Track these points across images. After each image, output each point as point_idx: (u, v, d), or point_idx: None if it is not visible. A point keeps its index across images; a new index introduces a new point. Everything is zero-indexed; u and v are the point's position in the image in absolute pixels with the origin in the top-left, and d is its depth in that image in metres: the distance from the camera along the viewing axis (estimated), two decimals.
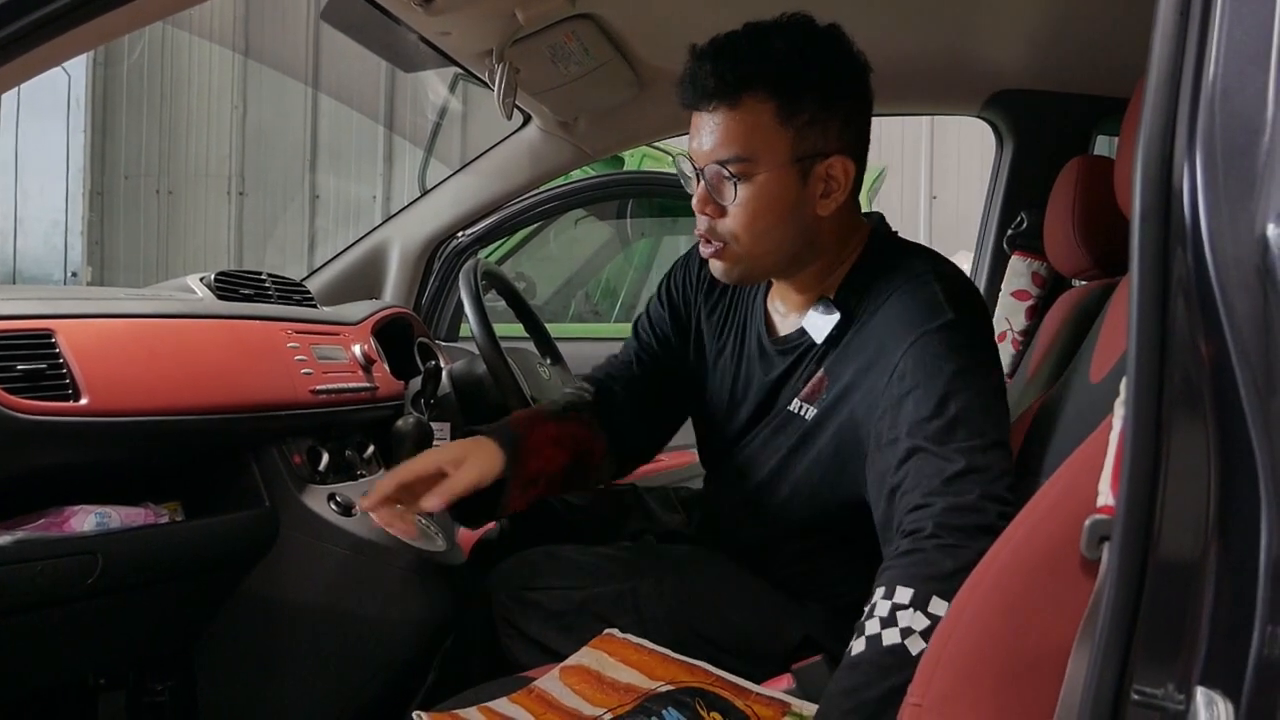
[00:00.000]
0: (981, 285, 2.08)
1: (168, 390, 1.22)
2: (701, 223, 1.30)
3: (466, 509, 1.38)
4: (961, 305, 1.24)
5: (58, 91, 7.64)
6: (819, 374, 1.32)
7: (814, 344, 1.34)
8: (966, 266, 3.00)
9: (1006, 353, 1.95)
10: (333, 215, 7.53)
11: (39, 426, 1.07)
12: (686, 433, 1.59)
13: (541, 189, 2.58)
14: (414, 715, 1.09)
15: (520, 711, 1.18)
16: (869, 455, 1.22)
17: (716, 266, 1.33)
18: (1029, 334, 1.93)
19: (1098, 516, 0.76)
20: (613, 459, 1.52)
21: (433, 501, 1.29)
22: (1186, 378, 0.65)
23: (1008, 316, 1.96)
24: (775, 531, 1.43)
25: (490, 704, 1.18)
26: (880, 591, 1.04)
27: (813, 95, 1.23)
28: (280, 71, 7.62)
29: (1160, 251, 0.67)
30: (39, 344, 1.11)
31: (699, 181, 1.27)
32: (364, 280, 2.24)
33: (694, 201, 1.29)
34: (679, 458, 2.26)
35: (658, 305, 1.55)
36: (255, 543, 1.36)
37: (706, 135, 1.25)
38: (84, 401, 1.11)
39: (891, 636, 1.00)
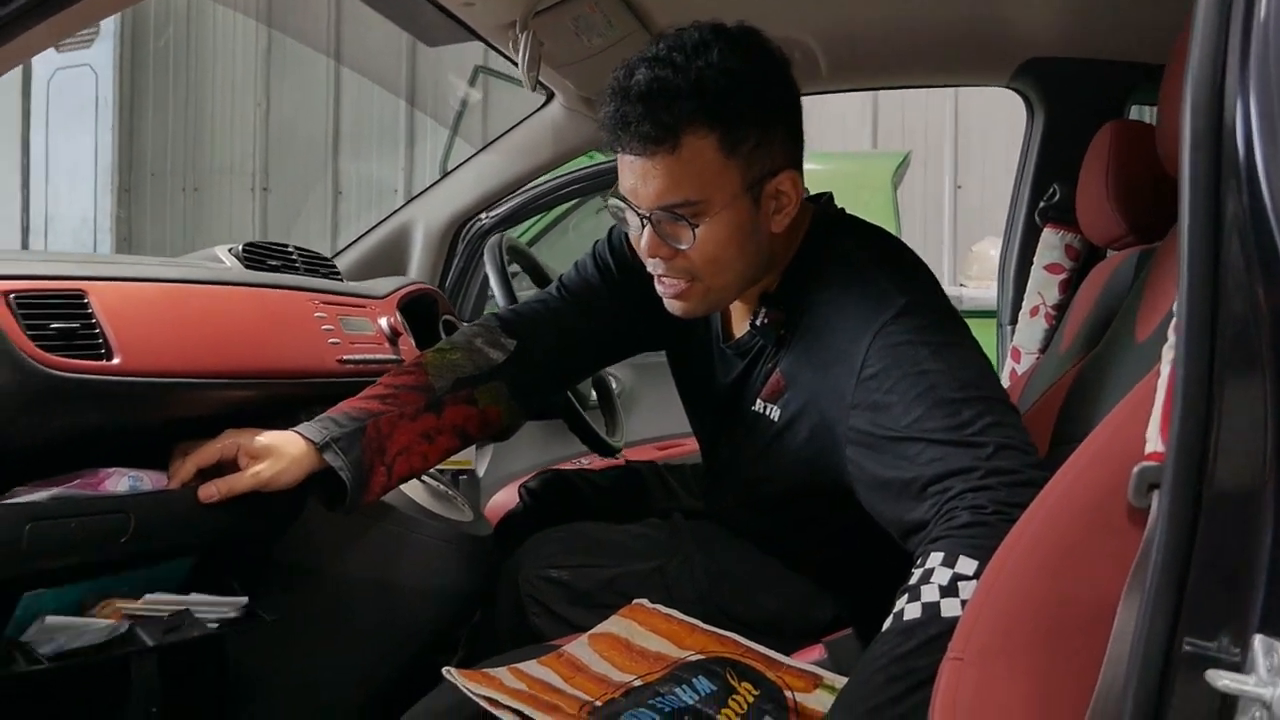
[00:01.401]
0: (1013, 261, 2.07)
1: (197, 353, 1.22)
2: (654, 265, 1.26)
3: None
4: (909, 286, 1.22)
5: (85, 91, 7.70)
6: (775, 374, 1.30)
7: (765, 344, 1.32)
8: (994, 252, 2.98)
9: (1039, 327, 1.93)
10: (355, 209, 7.57)
11: (73, 384, 1.07)
12: None
13: (564, 171, 2.58)
14: (446, 672, 1.08)
15: (549, 674, 1.18)
16: (854, 458, 1.18)
17: (678, 306, 1.28)
18: (1062, 308, 1.91)
19: (1146, 464, 0.74)
20: (508, 422, 1.47)
21: (209, 490, 1.22)
22: (1241, 318, 0.63)
23: (1040, 291, 1.94)
24: (776, 524, 1.43)
25: (519, 665, 1.18)
26: (938, 558, 1.01)
27: (752, 117, 1.19)
28: (302, 43, 7.64)
29: (1212, 187, 0.65)
30: (72, 304, 1.11)
31: (644, 225, 1.22)
32: (388, 260, 2.25)
33: (643, 247, 1.24)
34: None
35: (593, 268, 1.49)
36: (283, 511, 1.35)
37: (650, 181, 1.19)
38: (116, 361, 1.12)
39: (952, 607, 0.97)
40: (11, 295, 1.05)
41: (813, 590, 1.42)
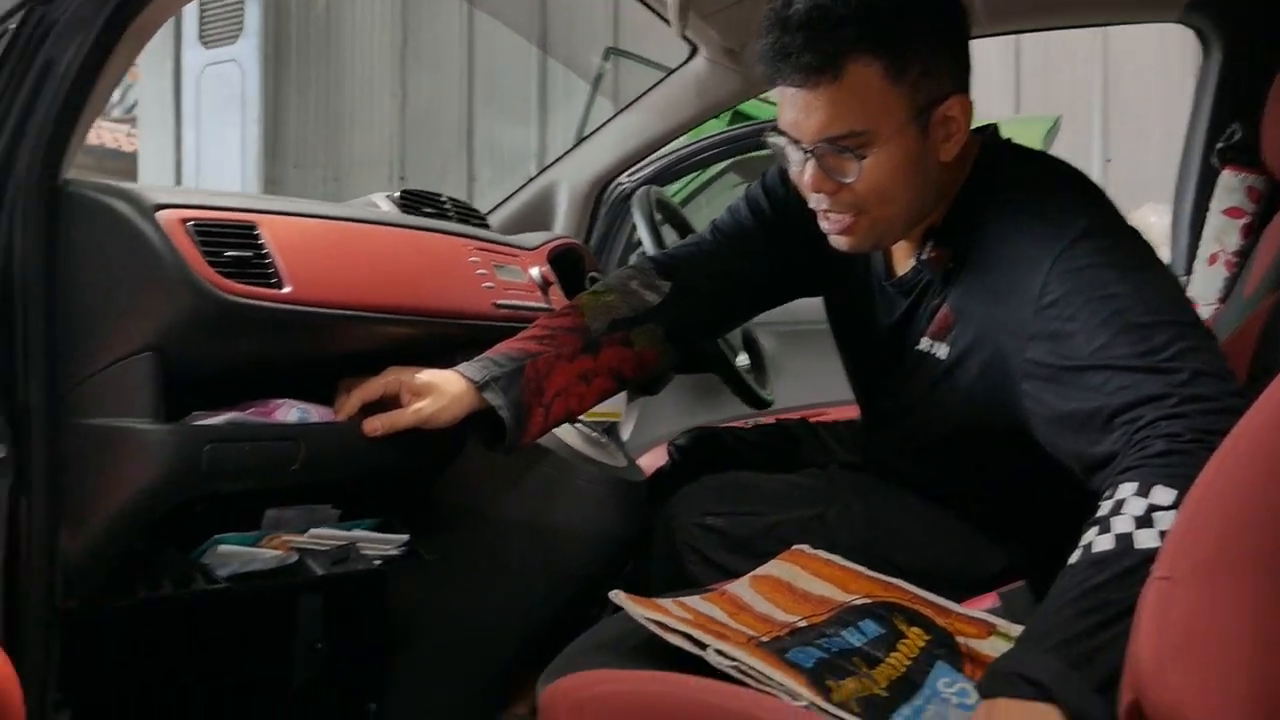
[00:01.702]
0: (1188, 208, 1.95)
1: (361, 287, 1.23)
2: (818, 200, 1.22)
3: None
4: (1089, 210, 1.15)
5: (232, 87, 8.00)
6: (943, 310, 1.24)
7: (931, 280, 1.26)
8: (1154, 219, 2.84)
9: (1219, 275, 1.82)
10: (488, 196, 7.70)
11: (247, 310, 1.09)
12: None
13: (704, 136, 2.55)
14: (612, 595, 1.07)
15: (714, 609, 1.15)
16: (1031, 392, 1.12)
17: (844, 242, 1.24)
18: (1244, 254, 1.79)
19: None
20: (664, 365, 1.46)
21: (373, 424, 1.23)
22: None
23: (1219, 236, 1.82)
24: (940, 470, 1.37)
25: (683, 599, 1.16)
26: (1130, 488, 0.96)
27: (917, 41, 1.14)
28: (436, 33, 7.78)
29: None
30: (244, 234, 1.13)
31: (806, 160, 1.19)
32: (533, 223, 2.26)
33: (806, 182, 1.20)
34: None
35: (746, 210, 1.46)
36: (443, 449, 1.36)
37: (813, 114, 1.15)
38: (286, 290, 1.14)
39: (1147, 539, 0.91)
40: (190, 223, 1.08)
41: (981, 539, 1.36)
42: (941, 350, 1.25)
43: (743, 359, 1.98)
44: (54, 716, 1.16)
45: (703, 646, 1.00)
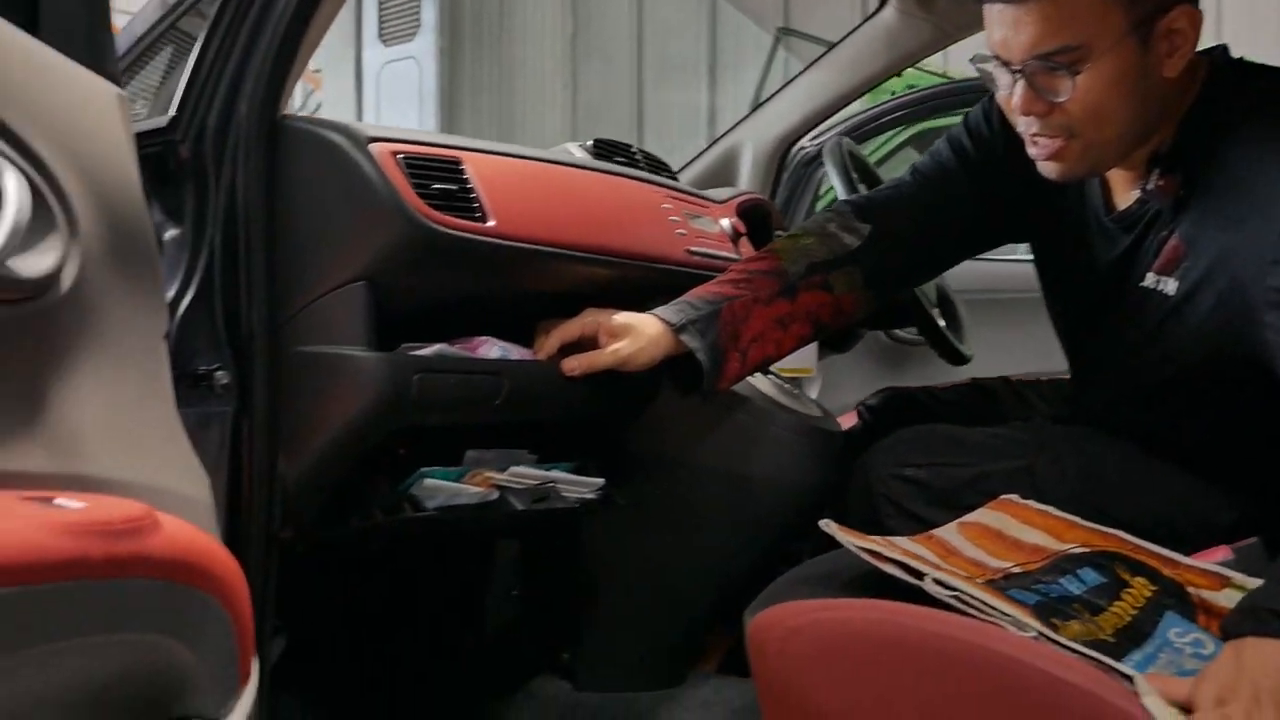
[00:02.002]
0: None
1: (560, 225, 1.24)
2: (1028, 124, 1.15)
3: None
4: None
5: (410, 82, 8.27)
6: (1171, 241, 1.16)
7: (1159, 211, 1.17)
8: None
9: None
10: None
11: (454, 241, 1.11)
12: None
13: (884, 100, 2.48)
14: (823, 524, 1.03)
15: (923, 550, 1.10)
16: (1273, 322, 1.04)
17: (1054, 168, 1.17)
18: None
19: None
20: (862, 311, 1.40)
21: (571, 364, 1.22)
22: None
23: None
24: (1164, 416, 1.28)
25: (891, 538, 1.11)
26: None
27: None
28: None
29: None
30: (450, 168, 1.15)
31: (1014, 80, 1.12)
32: (716, 185, 2.23)
33: (1016, 104, 1.13)
34: None
35: (949, 152, 1.39)
36: (640, 392, 1.36)
37: (1023, 29, 1.09)
38: (491, 224, 1.15)
39: None
40: (400, 156, 1.10)
41: (1208, 490, 1.26)
42: (1170, 285, 1.17)
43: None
44: (270, 643, 1.20)
45: (919, 576, 0.95)
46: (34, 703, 0.55)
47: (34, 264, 0.57)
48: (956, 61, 4.57)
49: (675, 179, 1.73)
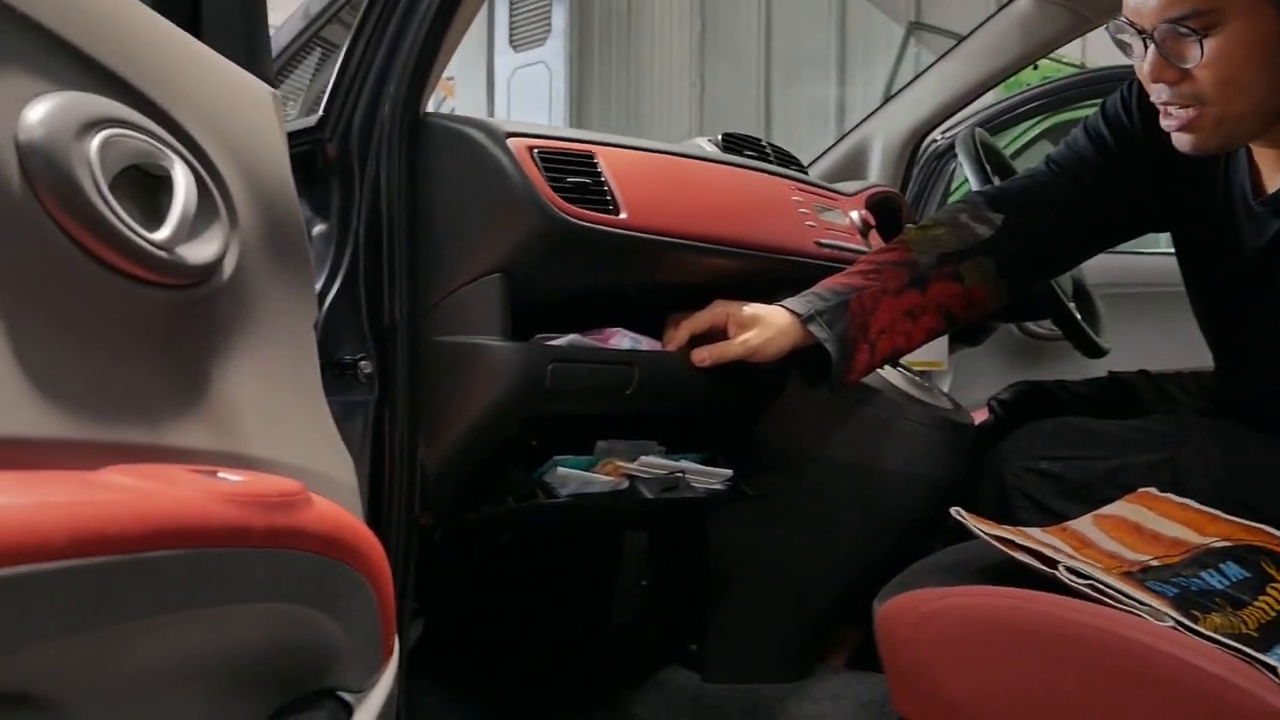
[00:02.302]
0: None
1: (691, 217, 1.25)
2: (1159, 92, 1.12)
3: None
4: None
5: (540, 87, 8.41)
6: None
7: None
8: None
9: None
10: None
11: (587, 233, 1.13)
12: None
13: (1018, 90, 2.41)
14: (954, 512, 1.02)
15: (1057, 541, 1.08)
16: None
17: (1186, 140, 1.13)
18: None
19: None
20: (994, 303, 1.36)
21: (701, 354, 1.23)
22: None
23: None
24: None
25: (1025, 529, 1.09)
26: None
27: None
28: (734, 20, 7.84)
29: None
30: (584, 162, 1.17)
31: (1146, 46, 1.09)
32: (846, 178, 2.21)
33: (1146, 70, 1.11)
34: None
35: (1085, 140, 1.35)
36: (767, 386, 1.35)
37: None
38: (623, 216, 1.16)
39: None
40: (535, 150, 1.12)
41: None
42: None
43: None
44: (409, 626, 1.24)
45: (1053, 565, 0.93)
46: (199, 663, 0.58)
47: (199, 251, 0.61)
48: (1094, 50, 4.43)
49: (805, 172, 1.72)
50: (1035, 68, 3.86)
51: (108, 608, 0.46)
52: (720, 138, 1.53)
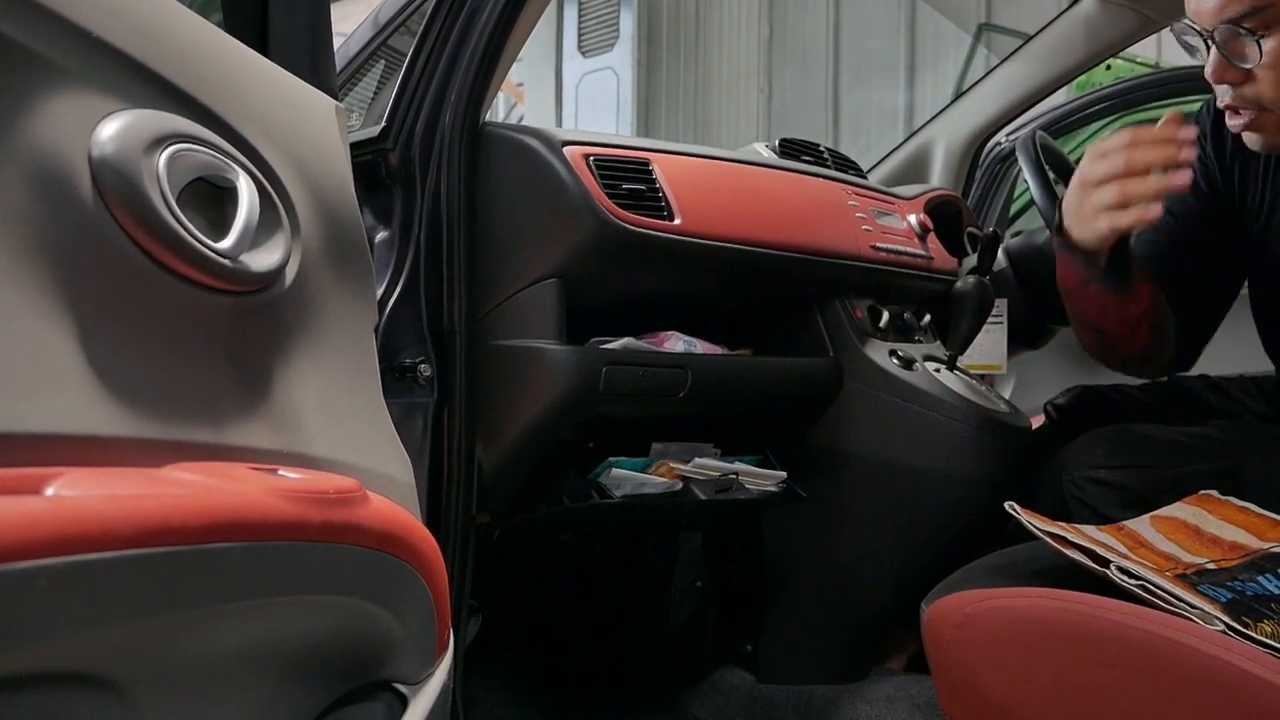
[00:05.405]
0: None
1: (746, 223, 1.26)
2: (1224, 93, 1.11)
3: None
4: None
5: (609, 92, 8.45)
6: None
7: None
8: None
9: None
10: None
11: (642, 239, 1.15)
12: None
13: (1086, 92, 2.37)
14: (1009, 506, 1.02)
15: (1112, 540, 1.07)
16: None
17: (1255, 139, 1.13)
18: None
19: None
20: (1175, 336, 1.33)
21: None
22: None
23: None
24: None
25: (1080, 526, 1.08)
26: None
27: None
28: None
29: None
30: (639, 169, 1.19)
31: (1209, 48, 1.08)
32: (908, 182, 2.20)
33: (1209, 72, 1.10)
34: None
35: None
36: (821, 388, 1.36)
37: None
38: (677, 222, 1.18)
39: None
40: (591, 158, 1.15)
41: None
42: None
43: None
44: (466, 623, 1.27)
45: (1104, 564, 0.92)
46: (257, 652, 0.61)
47: (263, 259, 0.63)
48: (1170, 49, 4.34)
49: (864, 176, 1.72)
50: (1108, 68, 3.79)
51: (169, 596, 0.48)
52: (778, 143, 1.54)
